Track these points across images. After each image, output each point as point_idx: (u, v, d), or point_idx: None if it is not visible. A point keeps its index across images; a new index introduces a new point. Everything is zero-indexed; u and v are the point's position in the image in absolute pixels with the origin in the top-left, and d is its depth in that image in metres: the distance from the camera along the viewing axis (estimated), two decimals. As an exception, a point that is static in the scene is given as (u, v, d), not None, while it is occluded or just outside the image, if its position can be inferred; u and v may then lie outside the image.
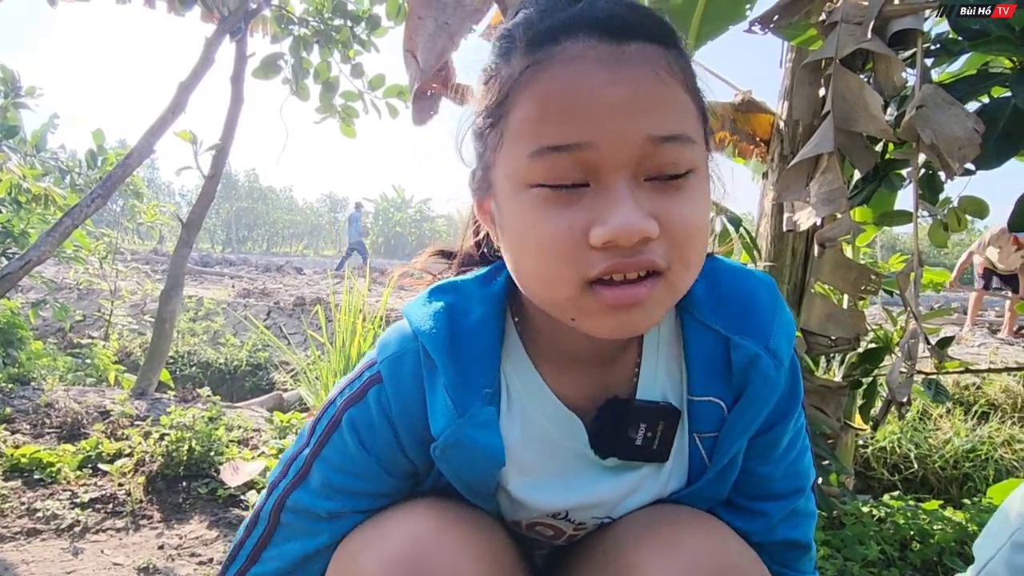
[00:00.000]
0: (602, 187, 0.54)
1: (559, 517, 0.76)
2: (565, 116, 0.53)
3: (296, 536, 0.73)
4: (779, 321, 0.70)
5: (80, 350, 4.40)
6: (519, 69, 0.56)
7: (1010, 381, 3.99)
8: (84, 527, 1.84)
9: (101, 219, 13.46)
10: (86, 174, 4.40)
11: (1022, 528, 0.73)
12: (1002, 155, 1.43)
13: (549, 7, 0.57)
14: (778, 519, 0.77)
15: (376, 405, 0.69)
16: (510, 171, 0.57)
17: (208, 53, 3.24)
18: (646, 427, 0.70)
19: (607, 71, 0.53)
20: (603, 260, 0.53)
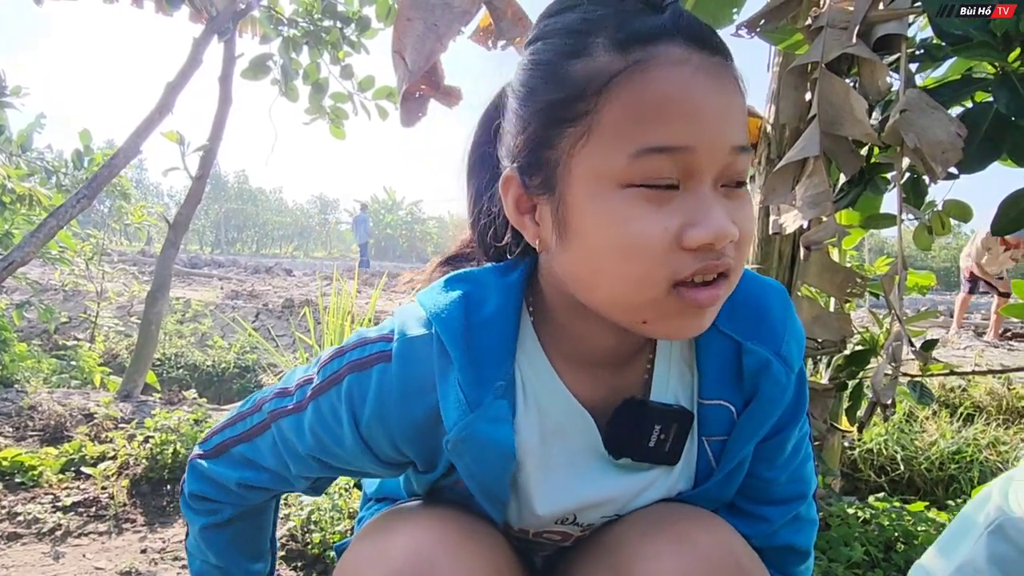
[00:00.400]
0: (691, 190, 0.56)
1: (567, 522, 0.76)
2: (673, 118, 0.54)
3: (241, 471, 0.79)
4: (790, 328, 0.71)
5: (65, 352, 4.35)
6: (615, 67, 0.55)
7: (995, 383, 4.03)
8: (66, 531, 1.82)
9: (88, 220, 13.35)
10: (72, 174, 4.36)
11: (1001, 519, 0.74)
12: (984, 159, 1.45)
13: (634, 10, 0.57)
14: (780, 524, 0.78)
15: (377, 385, 0.69)
16: (600, 169, 0.56)
17: (196, 53, 3.22)
18: (660, 429, 0.71)
19: (708, 79, 0.55)
20: (695, 262, 0.55)
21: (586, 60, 0.56)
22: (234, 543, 0.88)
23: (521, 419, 0.70)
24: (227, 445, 0.80)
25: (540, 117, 0.59)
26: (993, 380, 4.04)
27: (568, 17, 0.59)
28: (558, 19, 0.61)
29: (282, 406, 0.75)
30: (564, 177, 0.59)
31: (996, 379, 4.04)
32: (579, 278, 0.61)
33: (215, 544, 0.87)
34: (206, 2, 3.28)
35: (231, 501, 0.83)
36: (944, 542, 0.83)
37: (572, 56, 0.57)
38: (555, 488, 0.73)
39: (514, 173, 0.63)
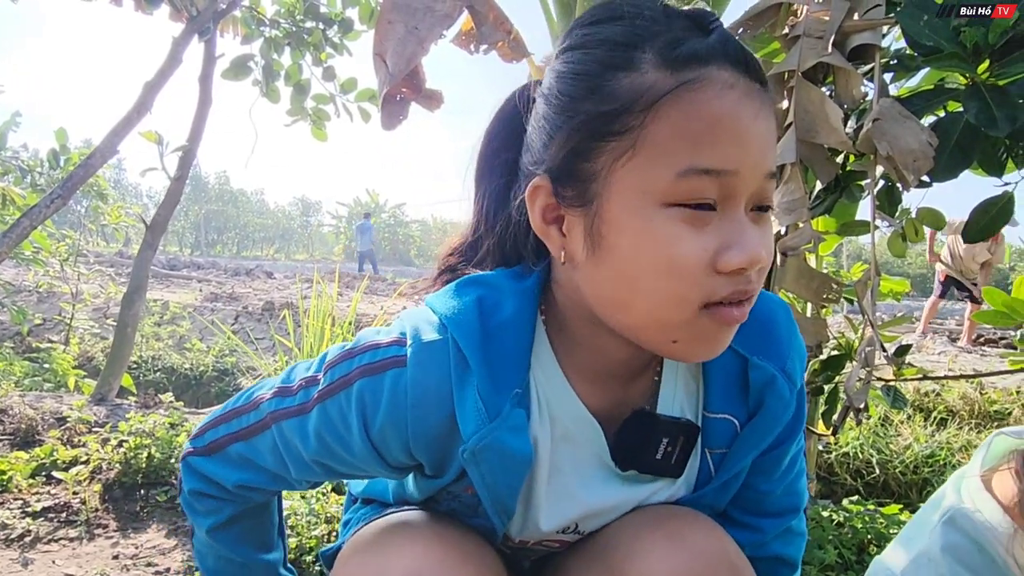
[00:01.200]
0: (728, 213, 0.56)
1: (569, 531, 0.77)
2: (722, 141, 0.54)
3: (236, 471, 0.77)
4: (795, 344, 0.73)
5: (38, 355, 4.27)
6: (666, 84, 0.55)
7: (968, 388, 4.10)
8: (35, 537, 1.78)
9: (64, 220, 13.13)
10: (48, 174, 4.29)
11: (953, 509, 0.77)
12: (955, 168, 1.48)
13: (683, 28, 0.57)
14: (772, 535, 0.80)
15: (391, 391, 0.67)
16: (644, 186, 0.56)
17: (175, 53, 3.19)
18: (667, 442, 0.72)
19: (753, 104, 0.55)
20: (728, 285, 0.56)
21: (634, 75, 0.55)
22: (243, 539, 0.87)
23: (539, 424, 0.70)
24: (222, 443, 0.77)
25: (580, 128, 0.58)
26: (966, 384, 4.11)
27: (612, 28, 0.58)
28: (600, 29, 0.59)
29: (283, 407, 0.73)
30: (602, 191, 0.58)
31: (969, 383, 4.11)
32: (611, 297, 0.61)
33: (225, 542, 0.85)
34: (186, 1, 3.25)
35: (231, 499, 0.81)
36: (903, 537, 0.85)
37: (619, 69, 0.56)
38: (561, 497, 0.73)
39: (545, 182, 0.61)
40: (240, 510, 0.83)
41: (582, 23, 0.62)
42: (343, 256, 36.36)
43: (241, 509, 0.83)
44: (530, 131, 0.65)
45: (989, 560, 0.72)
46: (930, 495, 0.84)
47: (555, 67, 0.62)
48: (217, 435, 0.78)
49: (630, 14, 0.58)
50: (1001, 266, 28.02)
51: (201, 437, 0.80)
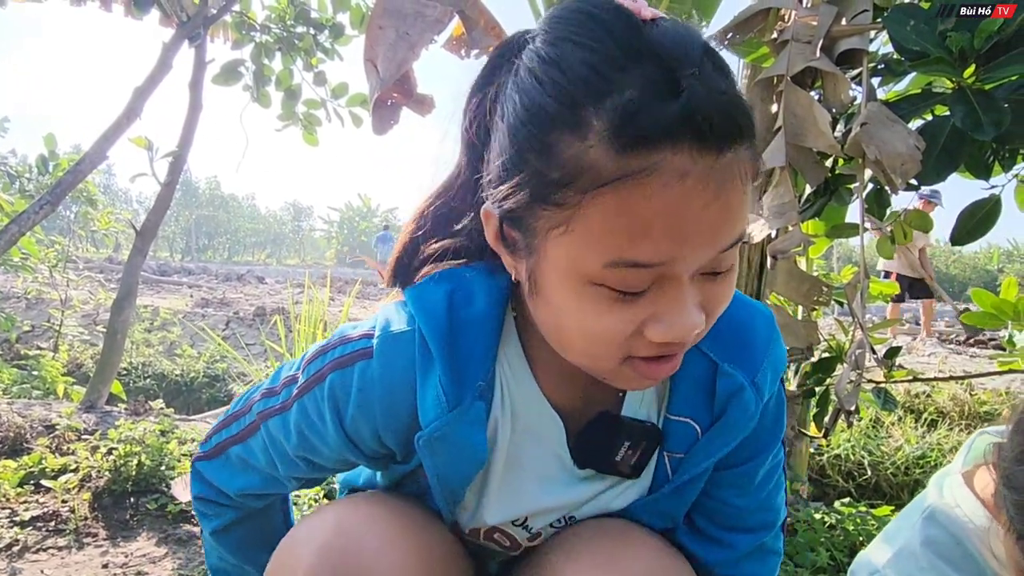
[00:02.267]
0: (665, 287, 0.53)
1: (517, 524, 0.77)
2: (658, 238, 0.49)
3: (247, 461, 0.78)
4: (771, 356, 0.70)
5: (27, 362, 4.24)
6: (608, 173, 0.48)
7: (958, 389, 4.13)
8: (24, 546, 1.76)
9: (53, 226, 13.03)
10: (36, 179, 4.26)
11: (933, 505, 0.78)
12: (942, 171, 1.49)
13: (646, 86, 0.48)
14: (744, 552, 0.77)
15: (359, 382, 0.68)
16: (574, 264, 0.53)
17: (165, 58, 3.18)
18: (629, 444, 0.71)
19: (705, 191, 0.49)
20: (653, 349, 0.55)
21: (579, 145, 0.49)
22: (245, 543, 0.89)
23: (500, 418, 0.71)
24: (224, 446, 0.80)
25: (526, 184, 0.53)
26: (956, 386, 4.14)
27: (572, 62, 0.50)
28: (564, 53, 0.51)
29: (269, 406, 0.75)
30: (539, 250, 0.55)
31: (959, 385, 4.15)
32: (547, 332, 0.62)
33: (227, 545, 0.88)
34: (176, 6, 3.24)
35: (232, 506, 0.84)
36: (886, 533, 0.86)
37: (566, 129, 0.50)
38: (514, 492, 0.74)
39: (495, 216, 0.59)
40: (239, 516, 0.85)
41: (558, 24, 0.54)
42: (335, 261, 36.27)
43: (241, 515, 0.85)
44: (493, 142, 0.58)
45: (967, 553, 0.73)
46: (919, 493, 0.85)
47: (528, 66, 0.54)
48: (220, 439, 0.81)
49: (597, 41, 0.50)
50: (990, 267, 28.23)
51: (208, 441, 0.83)
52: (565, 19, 0.53)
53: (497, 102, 0.57)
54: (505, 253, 0.61)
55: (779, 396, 0.74)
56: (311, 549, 0.67)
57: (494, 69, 0.60)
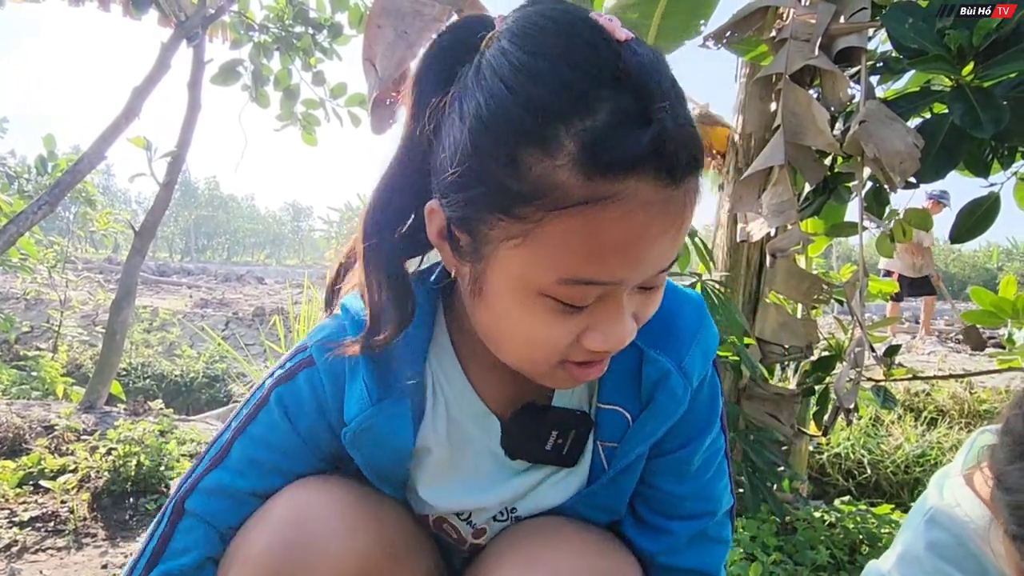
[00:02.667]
0: (606, 300, 0.55)
1: (462, 518, 0.78)
2: (614, 262, 0.51)
3: (200, 524, 0.71)
4: (699, 341, 0.71)
5: (26, 362, 4.24)
6: (573, 196, 0.48)
7: (957, 388, 4.13)
8: (23, 547, 1.76)
9: (52, 227, 13.03)
10: (35, 180, 4.26)
11: (934, 508, 0.78)
12: (941, 169, 1.49)
13: (621, 113, 0.48)
14: (685, 539, 0.76)
15: (307, 386, 0.70)
16: (525, 276, 0.53)
17: (164, 58, 3.17)
18: (557, 434, 0.72)
19: (663, 221, 0.51)
20: (587, 355, 0.58)
21: (547, 162, 0.48)
22: None
23: (428, 418, 0.72)
24: (199, 477, 0.75)
25: (484, 193, 0.52)
26: (956, 384, 4.14)
27: (551, 74, 0.49)
28: (539, 63, 0.50)
29: (196, 475, 0.73)
30: (488, 257, 0.55)
31: (958, 383, 4.14)
32: (485, 332, 0.63)
33: None
34: (175, 6, 3.24)
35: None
36: (895, 540, 0.86)
37: (535, 144, 0.49)
38: (452, 485, 0.75)
39: (442, 215, 0.57)
40: None
41: (532, 31, 0.52)
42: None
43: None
44: (444, 138, 0.55)
45: (970, 553, 0.73)
46: (921, 494, 0.85)
47: (496, 68, 0.51)
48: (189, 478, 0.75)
49: (575, 59, 0.49)
50: (989, 266, 28.23)
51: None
52: (541, 27, 0.51)
53: (455, 98, 0.54)
54: (448, 251, 0.60)
55: (712, 381, 0.74)
56: (264, 532, 0.67)
57: (449, 61, 0.57)
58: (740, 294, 2.08)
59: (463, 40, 0.57)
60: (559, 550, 0.70)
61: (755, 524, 1.81)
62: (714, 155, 2.58)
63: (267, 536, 0.67)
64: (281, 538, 0.66)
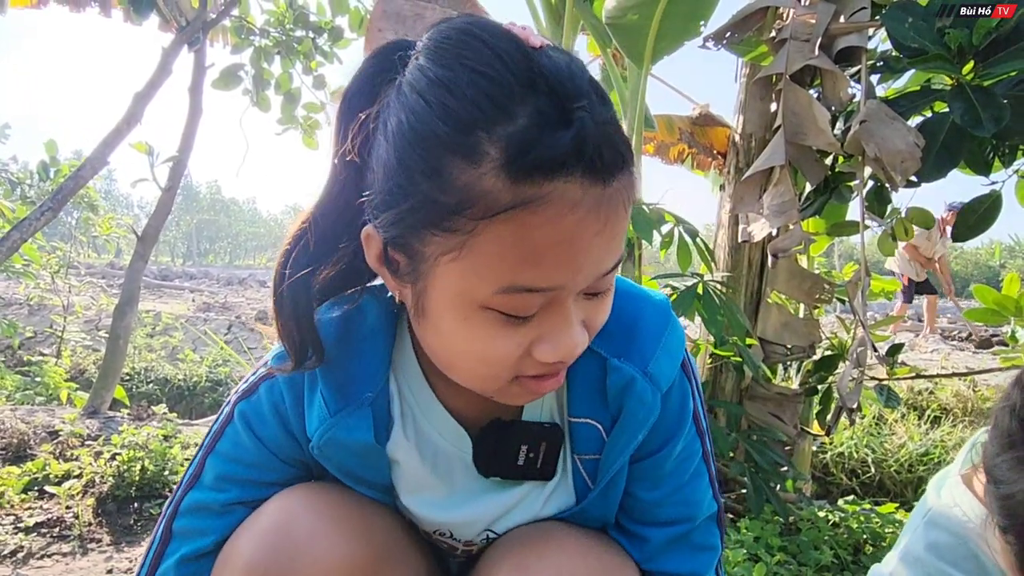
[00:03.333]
0: (551, 308, 0.54)
1: (444, 536, 0.77)
2: (549, 264, 0.51)
3: (187, 540, 0.72)
4: (664, 345, 0.69)
5: (30, 368, 4.24)
6: (502, 201, 0.48)
7: (961, 386, 4.12)
8: (28, 553, 1.76)
9: (55, 232, 13.06)
10: (38, 186, 4.27)
11: (933, 509, 0.78)
12: (942, 168, 1.49)
13: (538, 115, 0.48)
14: (661, 545, 0.75)
15: (267, 397, 0.70)
16: (465, 290, 0.53)
17: (165, 63, 3.18)
18: (528, 448, 0.71)
19: (596, 220, 0.51)
20: (540, 368, 0.57)
21: (472, 172, 0.49)
22: None
23: (398, 433, 0.71)
24: (179, 500, 0.76)
25: (415, 209, 0.52)
26: (959, 383, 4.13)
27: (466, 86, 0.49)
28: (455, 75, 0.50)
29: (178, 496, 0.74)
30: (428, 274, 0.54)
31: (962, 381, 4.14)
32: (434, 354, 0.62)
33: None
34: (175, 11, 3.24)
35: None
36: (897, 543, 0.86)
37: (459, 155, 0.49)
38: (430, 504, 0.74)
39: (378, 239, 0.57)
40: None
41: (447, 45, 0.52)
42: (336, 264, 36.33)
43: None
44: (372, 160, 0.56)
45: (969, 553, 0.73)
46: (922, 496, 0.85)
47: (415, 84, 0.52)
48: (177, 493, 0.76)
49: (490, 68, 0.49)
50: (991, 264, 28.15)
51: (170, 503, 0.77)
52: (455, 41, 0.52)
53: (379, 119, 0.55)
54: (388, 276, 0.59)
55: (681, 384, 0.72)
56: (250, 539, 0.67)
57: (374, 83, 0.57)
58: (742, 294, 2.09)
59: (385, 62, 0.56)
60: (556, 557, 0.69)
61: (759, 525, 1.80)
62: (715, 155, 2.59)
63: (253, 544, 0.67)
64: (267, 545, 0.66)
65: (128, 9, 3.28)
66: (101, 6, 3.30)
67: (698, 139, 2.54)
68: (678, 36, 1.94)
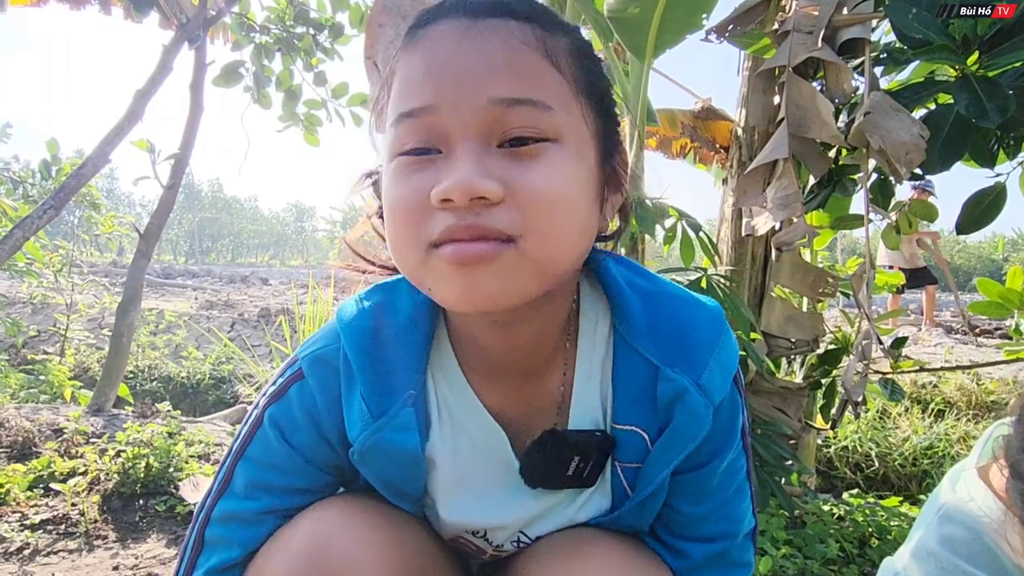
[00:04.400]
0: (449, 153, 0.54)
1: (478, 535, 0.75)
2: (417, 85, 0.55)
3: (216, 551, 0.70)
4: (718, 355, 0.66)
5: (34, 366, 4.25)
6: (399, 50, 0.59)
7: (964, 379, 4.12)
8: (35, 550, 1.77)
9: (57, 231, 13.08)
10: (39, 185, 4.27)
11: (947, 503, 0.77)
12: (947, 160, 1.48)
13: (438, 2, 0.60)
14: (701, 561, 0.74)
15: (298, 401, 0.68)
16: (385, 144, 0.58)
17: (166, 60, 3.18)
18: (579, 460, 0.68)
19: (457, 43, 0.55)
20: (444, 221, 0.53)
21: (397, 51, 0.60)
22: None
23: (435, 431, 0.69)
24: (211, 507, 0.74)
25: (384, 99, 0.62)
26: (963, 376, 4.12)
27: None
28: None
29: (208, 504, 0.72)
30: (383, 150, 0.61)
31: (965, 375, 4.13)
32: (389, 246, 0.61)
33: None
34: (176, 9, 3.24)
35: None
36: (909, 537, 0.85)
37: (400, 51, 0.60)
38: (465, 505, 0.73)
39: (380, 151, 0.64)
40: None
41: None
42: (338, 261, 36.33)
43: None
44: None
45: (984, 548, 0.72)
46: (930, 486, 0.84)
47: None
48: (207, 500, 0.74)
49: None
50: (995, 257, 28.12)
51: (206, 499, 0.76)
52: None
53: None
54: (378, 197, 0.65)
55: (732, 398, 0.69)
56: (283, 557, 0.65)
57: None
58: (745, 288, 2.08)
59: None
60: (596, 553, 0.68)
61: (764, 518, 1.80)
62: (717, 149, 2.58)
63: (285, 567, 0.64)
64: (300, 570, 0.64)
65: (128, 6, 3.28)
66: (101, 4, 3.30)
67: (701, 133, 2.53)
68: (680, 29, 1.93)
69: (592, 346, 0.69)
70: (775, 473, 1.86)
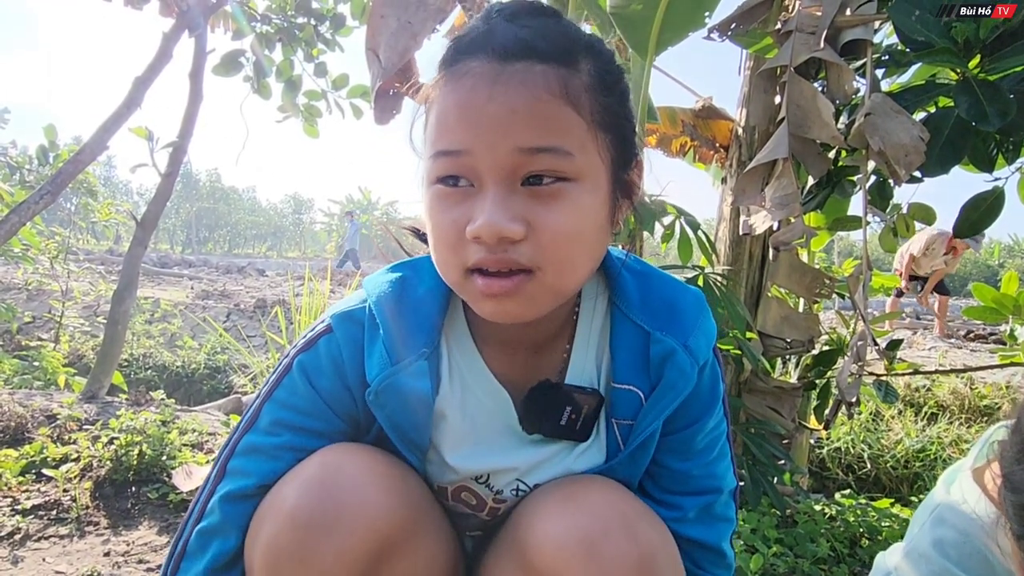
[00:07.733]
0: (481, 190, 0.63)
1: (481, 481, 0.82)
2: (453, 126, 0.62)
3: (234, 479, 0.76)
4: (702, 326, 0.76)
5: (28, 353, 4.24)
6: (435, 83, 0.65)
7: (958, 383, 4.13)
8: (25, 535, 1.76)
9: (54, 217, 13.04)
10: (37, 170, 4.25)
11: (941, 505, 0.78)
12: (946, 163, 1.48)
13: (469, 30, 0.66)
14: (692, 513, 0.82)
15: (326, 351, 0.76)
16: (425, 167, 0.66)
17: (166, 48, 3.16)
18: (571, 410, 0.77)
19: (496, 87, 0.61)
20: (476, 253, 0.63)
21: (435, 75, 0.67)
22: None
23: (446, 387, 0.78)
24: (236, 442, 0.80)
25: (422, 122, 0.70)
26: (956, 380, 4.14)
27: None
28: None
29: (234, 439, 0.79)
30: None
31: (959, 379, 4.15)
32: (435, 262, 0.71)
33: None
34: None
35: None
36: (904, 536, 0.86)
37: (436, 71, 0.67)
38: (472, 452, 0.80)
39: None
40: None
41: None
42: (336, 253, 36.32)
43: None
44: None
45: (975, 550, 0.72)
46: (921, 489, 0.85)
47: None
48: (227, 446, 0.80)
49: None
50: (990, 263, 28.24)
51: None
52: None
53: None
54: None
55: (713, 366, 0.79)
56: (297, 487, 0.70)
57: None
58: (742, 287, 2.08)
59: None
60: (596, 489, 0.74)
61: (756, 516, 1.81)
62: (717, 148, 2.58)
63: (299, 491, 0.69)
64: (313, 493, 0.69)
65: (129, -7, 3.26)
66: (102, -11, 3.27)
67: (701, 132, 2.53)
68: (683, 27, 1.93)
69: (591, 318, 0.80)
70: (768, 472, 1.87)
